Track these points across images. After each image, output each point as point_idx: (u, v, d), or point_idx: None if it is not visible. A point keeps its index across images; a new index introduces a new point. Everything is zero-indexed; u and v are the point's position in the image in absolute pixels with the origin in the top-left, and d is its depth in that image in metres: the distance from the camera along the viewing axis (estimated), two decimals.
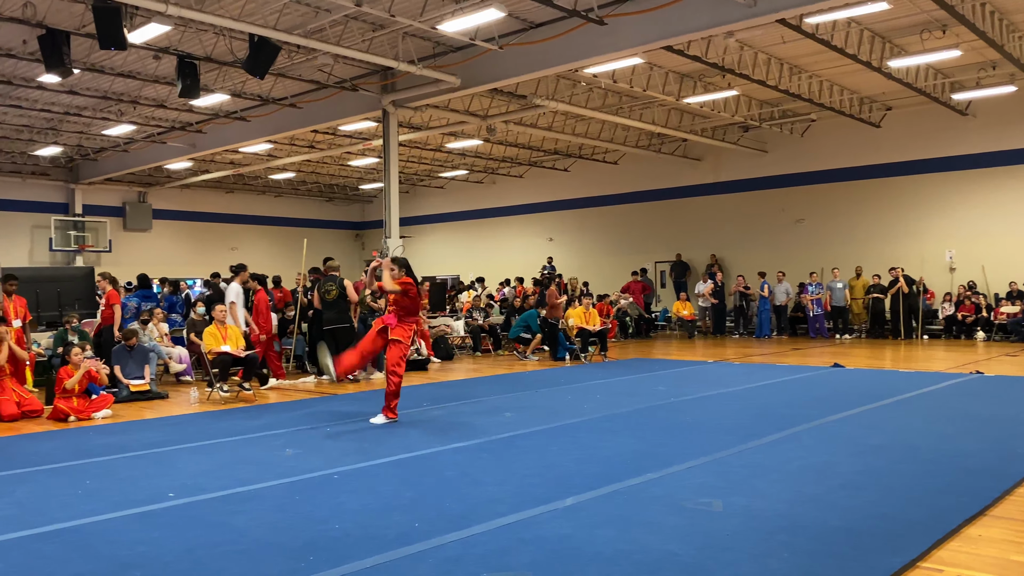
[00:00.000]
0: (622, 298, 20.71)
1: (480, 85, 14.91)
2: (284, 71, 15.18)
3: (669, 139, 22.14)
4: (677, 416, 8.23)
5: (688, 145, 22.86)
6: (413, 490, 5.34)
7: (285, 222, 31.30)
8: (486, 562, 3.89)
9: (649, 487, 5.31)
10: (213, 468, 6.20)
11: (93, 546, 4.31)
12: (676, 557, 3.93)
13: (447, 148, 22.90)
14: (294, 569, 3.85)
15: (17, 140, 21.01)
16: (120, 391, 10.16)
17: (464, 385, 11.66)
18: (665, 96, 16.51)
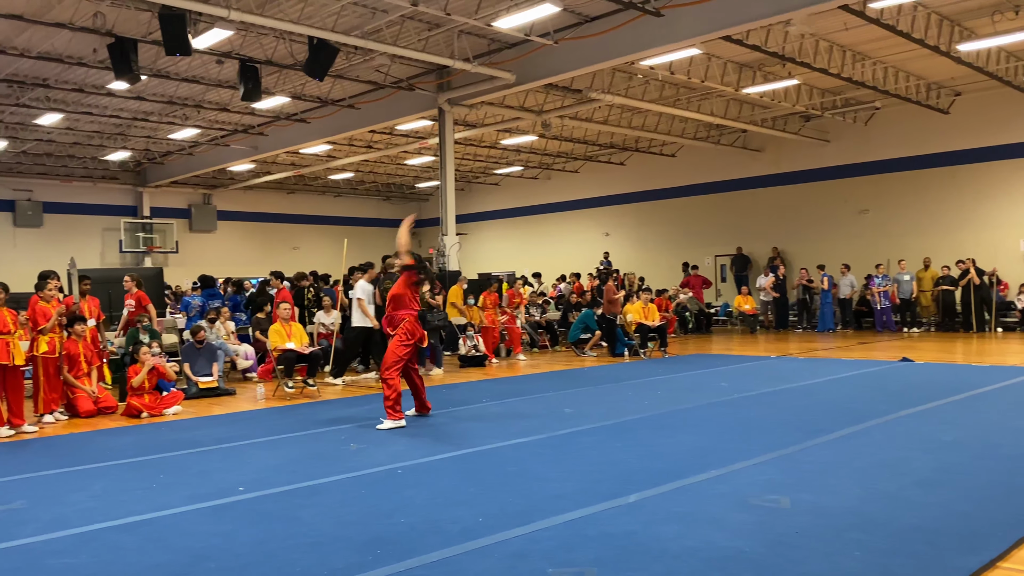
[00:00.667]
0: (681, 293, 20.47)
1: (535, 81, 14.90)
2: (342, 72, 15.40)
3: (728, 130, 21.79)
4: (740, 412, 8.10)
5: (748, 136, 22.46)
6: (476, 485, 5.37)
7: (344, 221, 31.77)
8: (551, 558, 3.89)
9: (714, 484, 5.24)
10: (281, 463, 6.33)
11: (168, 538, 4.44)
12: (744, 554, 3.87)
13: (502, 145, 22.94)
14: (362, 562, 3.91)
15: (88, 146, 21.77)
16: (189, 388, 10.45)
17: (522, 381, 11.68)
18: (724, 87, 16.25)
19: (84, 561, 4.09)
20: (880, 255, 19.48)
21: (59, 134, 20.07)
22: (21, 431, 8.14)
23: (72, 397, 9.20)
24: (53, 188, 25.11)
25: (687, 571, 3.68)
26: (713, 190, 23.94)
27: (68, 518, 4.89)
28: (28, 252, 23.23)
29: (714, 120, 19.17)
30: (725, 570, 3.67)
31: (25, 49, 13.51)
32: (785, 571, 3.65)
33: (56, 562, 4.08)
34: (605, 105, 17.97)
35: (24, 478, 6.09)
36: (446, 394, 10.30)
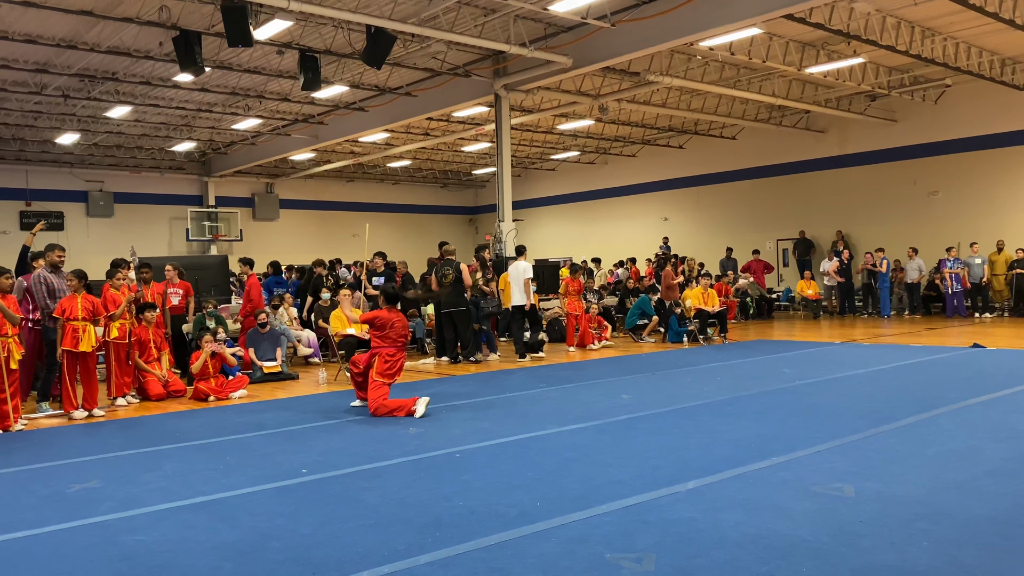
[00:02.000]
0: (742, 278, 20.13)
1: (592, 64, 14.76)
2: (399, 60, 15.50)
3: (790, 111, 21.28)
4: (803, 399, 7.95)
5: (811, 117, 21.90)
6: (534, 470, 5.39)
7: (402, 208, 32.09)
8: (610, 543, 3.89)
9: (776, 471, 5.15)
10: (343, 446, 6.45)
11: (236, 517, 4.57)
12: (807, 543, 3.80)
13: (559, 130, 22.83)
14: (422, 544, 3.96)
15: (156, 137, 22.39)
16: (254, 372, 10.72)
17: (579, 367, 11.66)
18: (786, 67, 15.86)
19: (156, 538, 4.24)
20: (951, 238, 18.83)
21: (128, 126, 20.68)
22: (92, 415, 8.45)
23: (143, 381, 9.52)
24: (123, 179, 25.92)
25: (748, 559, 3.63)
26: (775, 173, 23.42)
27: (141, 497, 5.07)
28: (100, 241, 24.05)
29: (776, 101, 18.73)
30: (787, 558, 3.62)
31: (95, 44, 13.94)
32: (849, 561, 3.57)
33: (130, 539, 4.24)
34: (663, 88, 17.71)
35: (99, 458, 6.33)
36: (503, 380, 10.35)
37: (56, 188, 24.78)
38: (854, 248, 20.75)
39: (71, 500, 5.09)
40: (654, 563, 3.61)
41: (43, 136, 21.33)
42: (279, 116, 20.20)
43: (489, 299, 12.67)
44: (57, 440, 7.31)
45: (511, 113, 17.61)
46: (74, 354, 8.42)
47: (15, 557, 4.03)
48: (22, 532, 4.42)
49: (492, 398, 8.78)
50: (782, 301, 22.06)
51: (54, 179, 24.74)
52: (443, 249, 12.67)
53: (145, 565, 3.82)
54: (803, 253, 22.15)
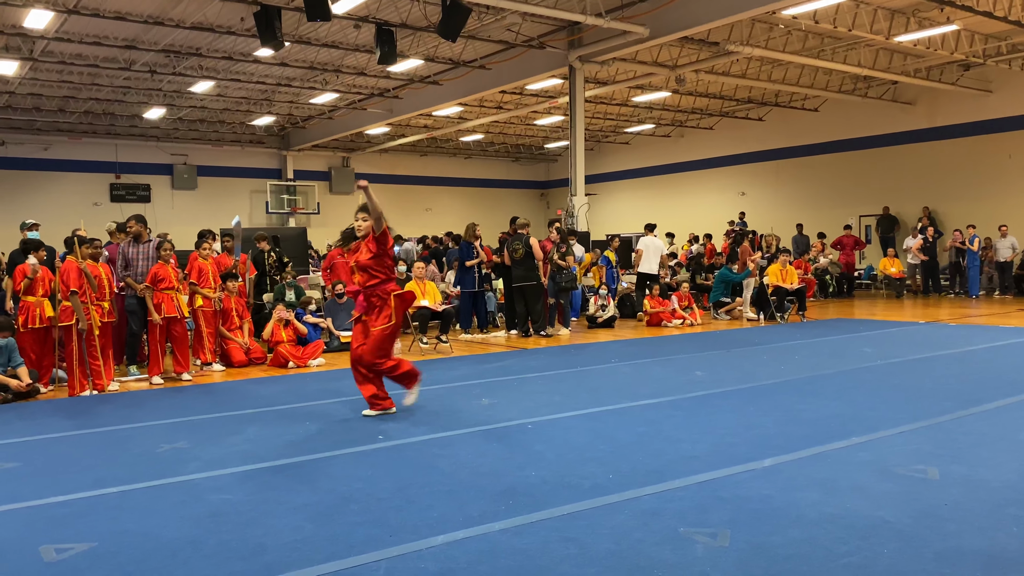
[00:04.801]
0: (822, 255, 19.56)
1: (669, 34, 14.45)
2: (474, 33, 15.48)
3: (877, 82, 20.45)
4: (886, 379, 7.71)
5: (898, 88, 21.01)
6: (606, 443, 5.39)
7: (475, 183, 32.21)
8: (683, 517, 3.86)
9: (856, 451, 5.03)
10: (417, 415, 6.56)
11: (316, 480, 4.71)
12: (888, 524, 3.70)
13: (633, 102, 22.48)
14: (495, 511, 4.01)
15: (237, 111, 22.98)
16: (331, 341, 10.98)
17: (651, 343, 11.56)
18: (873, 35, 15.22)
19: (241, 498, 4.41)
20: None
21: (211, 101, 21.26)
22: (181, 379, 8.80)
23: (226, 348, 9.86)
24: (206, 152, 26.72)
25: (827, 538, 3.56)
26: (859, 146, 22.59)
27: (226, 458, 5.27)
28: (184, 213, 24.93)
29: (861, 72, 18.02)
30: (868, 539, 3.53)
31: (180, 20, 14.33)
32: (933, 544, 3.47)
33: (216, 497, 4.41)
34: (743, 58, 17.24)
35: (186, 420, 6.60)
36: (574, 354, 10.35)
37: (143, 161, 25.74)
38: (942, 225, 19.91)
39: (161, 459, 5.33)
40: (729, 539, 3.57)
41: (131, 111, 22.13)
42: (355, 90, 20.46)
43: (564, 273, 12.63)
44: (147, 402, 7.64)
45: (585, 85, 17.42)
46: (168, 320, 8.75)
47: (111, 511, 4.25)
48: (116, 488, 4.66)
49: (563, 372, 8.79)
50: (863, 279, 21.37)
51: (141, 153, 25.68)
52: (515, 224, 12.68)
53: (231, 522, 3.98)
54: (887, 230, 21.36)
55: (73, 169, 24.54)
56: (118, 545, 3.70)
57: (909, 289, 19.27)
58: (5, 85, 18.50)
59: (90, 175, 24.80)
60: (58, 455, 5.58)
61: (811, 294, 17.19)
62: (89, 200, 24.09)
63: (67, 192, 23.93)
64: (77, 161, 24.66)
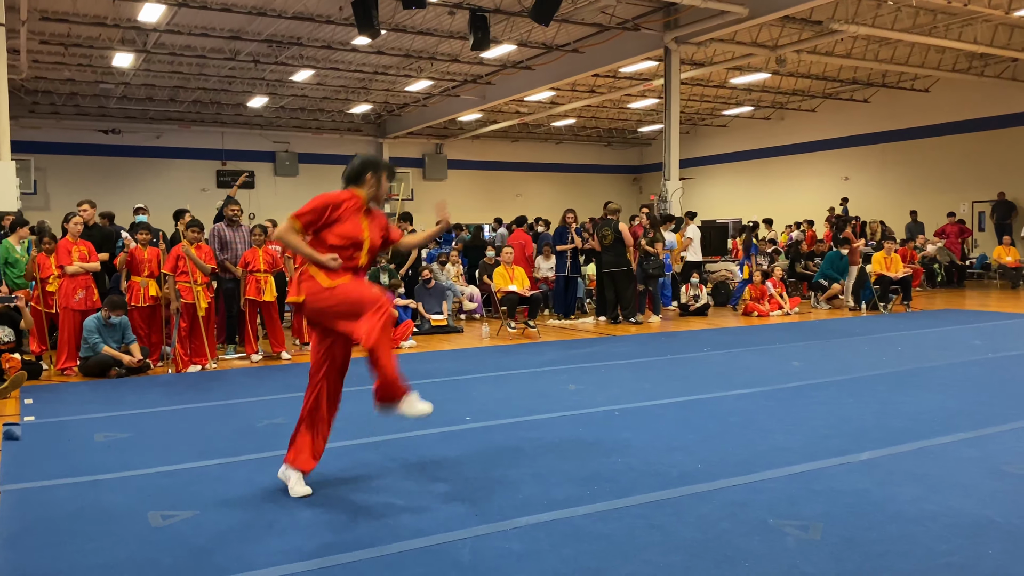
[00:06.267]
0: (929, 243, 18.64)
1: (770, 13, 13.99)
2: (567, 16, 15.37)
3: (995, 60, 19.25)
4: (996, 373, 7.30)
5: (1019, 66, 19.71)
6: (695, 432, 5.30)
7: (566, 168, 32.09)
8: (773, 509, 3.77)
9: (961, 447, 4.79)
10: (504, 397, 6.62)
11: (404, 457, 4.83)
12: (996, 524, 3.51)
13: (731, 84, 21.89)
14: (581, 496, 4.01)
15: (336, 100, 23.57)
16: (422, 325, 11.18)
17: (745, 332, 11.29)
18: (992, 9, 14.33)
19: (334, 471, 4.55)
20: None
21: (311, 89, 21.87)
22: (280, 357, 9.12)
23: None
24: (306, 140, 27.53)
25: (926, 536, 3.41)
26: (973, 128, 21.34)
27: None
28: (286, 199, 25.72)
29: (978, 49, 16.99)
30: (972, 539, 3.36)
31: (282, 10, 14.78)
32: None
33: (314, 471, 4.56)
34: (848, 37, 16.51)
35: (283, 398, 6.84)
36: (664, 342, 10.22)
37: (247, 149, 26.72)
38: None
39: (259, 433, 5.55)
40: (821, 532, 3.46)
41: (236, 100, 22.99)
42: (449, 77, 20.66)
43: (652, 259, 12.47)
44: (246, 380, 7.97)
45: (681, 67, 17.06)
46: (256, 303, 9.09)
47: (214, 481, 4.46)
48: (219, 460, 4.88)
49: (652, 359, 8.69)
50: (976, 268, 20.25)
51: (245, 140, 26.67)
52: (607, 208, 12.58)
53: (327, 496, 4.11)
54: (1003, 217, 20.15)
55: (182, 156, 25.72)
56: (219, 513, 3.88)
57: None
58: (121, 76, 19.52)
59: (198, 162, 25.93)
60: (166, 427, 5.88)
61: (917, 283, 16.41)
62: (197, 186, 25.17)
63: (177, 178, 25.09)
64: (186, 148, 25.83)
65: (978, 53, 17.88)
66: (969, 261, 20.04)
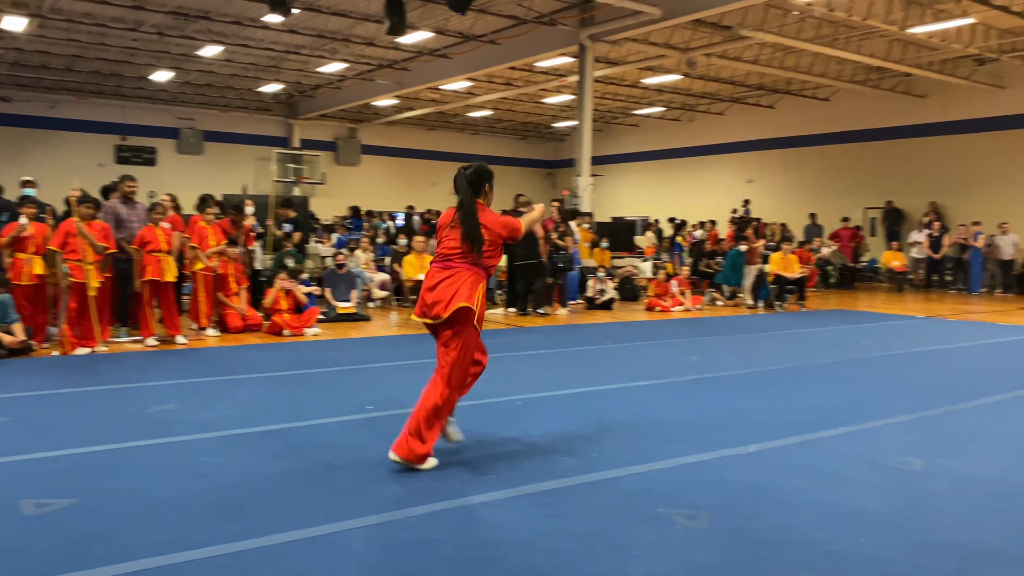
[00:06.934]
0: (824, 246, 19.49)
1: (683, 16, 14.31)
2: (485, 7, 15.34)
3: (890, 74, 20.25)
4: (880, 371, 7.70)
5: (911, 81, 20.81)
6: (595, 423, 5.39)
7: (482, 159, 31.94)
8: (664, 498, 3.87)
9: (844, 441, 5.03)
10: (410, 386, 6.54)
11: (304, 447, 4.73)
12: (868, 514, 3.70)
13: (643, 84, 22.32)
14: (478, 483, 4.02)
15: (245, 77, 22.84)
16: (329, 312, 10.99)
17: (648, 327, 11.56)
18: (888, 25, 15.06)
19: (228, 460, 4.42)
20: None
21: (219, 65, 21.12)
22: (175, 342, 8.80)
23: (223, 314, 9.86)
24: (213, 118, 26.62)
25: (806, 525, 3.57)
26: (869, 138, 22.41)
27: (215, 421, 5.28)
28: (190, 177, 24.83)
29: (874, 62, 17.86)
30: (846, 527, 3.54)
31: None
32: (912, 535, 3.47)
33: (205, 459, 4.43)
34: (756, 43, 17.08)
35: (178, 383, 6.61)
36: (570, 334, 10.36)
37: (149, 124, 25.65)
38: (947, 221, 19.81)
39: (151, 420, 5.34)
40: (708, 522, 3.58)
41: (139, 72, 21.99)
42: (364, 60, 20.32)
43: (562, 253, 12.60)
44: (139, 364, 7.65)
45: (595, 65, 17.28)
46: (153, 283, 8.69)
47: (101, 468, 4.27)
48: (106, 446, 4.68)
49: (558, 351, 8.80)
50: (867, 272, 21.31)
51: (148, 115, 25.59)
52: (518, 201, 12.63)
53: (217, 484, 4.00)
54: (892, 223, 21.28)
55: (78, 129, 24.47)
56: (100, 502, 3.72)
57: (911, 283, 19.21)
58: (13, 41, 18.38)
59: (96, 136, 24.73)
60: (48, 412, 5.60)
61: (812, 284, 17.15)
62: (94, 161, 24.01)
63: (72, 152, 23.85)
64: (83, 121, 24.59)
65: (875, 66, 18.78)
66: (860, 264, 21.08)
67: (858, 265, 20.77)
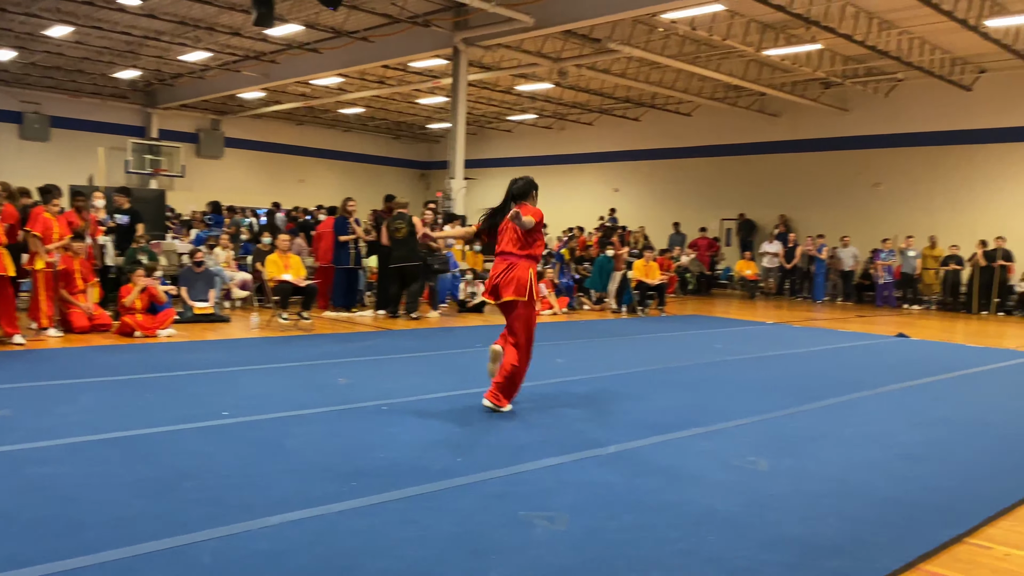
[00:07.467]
0: (684, 254, 20.37)
1: (554, 26, 14.61)
2: (358, 4, 15.10)
3: (746, 92, 21.43)
4: (731, 374, 8.11)
5: (765, 100, 22.10)
6: (463, 427, 5.39)
7: (352, 157, 31.53)
8: (527, 501, 3.91)
9: (697, 441, 5.25)
10: (270, 391, 6.36)
11: (153, 455, 4.47)
12: (718, 513, 3.88)
13: (517, 90, 22.61)
14: (339, 492, 3.93)
15: (98, 62, 21.45)
16: (185, 312, 10.47)
17: None
18: (745, 47, 15.93)
19: (66, 471, 4.13)
20: (889, 229, 19.34)
21: (69, 47, 19.75)
22: (12, 341, 8.16)
23: (67, 312, 9.21)
24: (61, 103, 24.84)
25: (660, 524, 3.70)
26: (726, 152, 23.65)
27: (54, 429, 4.92)
28: (33, 166, 23.07)
29: (732, 81, 18.85)
30: (698, 526, 3.69)
31: None
32: (757, 532, 3.66)
33: (37, 470, 4.11)
34: (624, 57, 17.64)
35: (13, 387, 6.12)
36: (441, 337, 10.33)
37: None
38: (796, 232, 21.15)
39: None
40: (566, 523, 3.64)
41: None
42: (229, 51, 19.53)
43: (436, 255, 12.55)
44: None
45: (469, 69, 17.35)
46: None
47: None
48: None
49: (428, 354, 8.75)
50: (722, 279, 22.43)
51: None
52: (394, 202, 12.46)
53: (50, 497, 3.72)
54: (746, 234, 22.52)
55: None
56: None
57: (762, 291, 20.38)
58: None
59: None
60: None
61: (672, 290, 17.88)
62: None
63: None
64: None
65: (733, 85, 19.81)
66: (717, 272, 22.17)
67: (714, 273, 21.84)
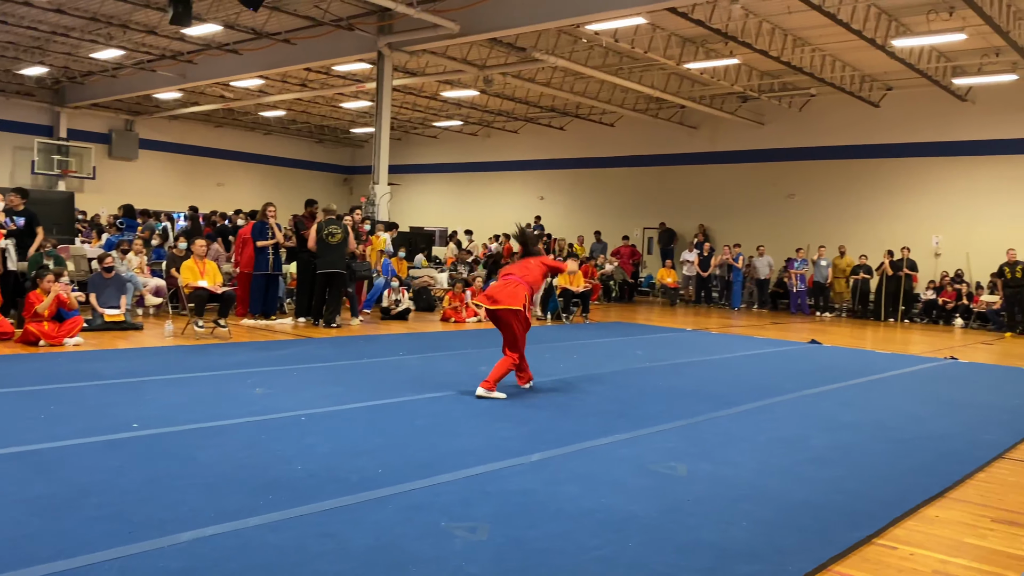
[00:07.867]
0: (608, 262, 20.66)
1: (479, 33, 14.64)
2: (279, 5, 14.83)
3: (667, 105, 21.91)
4: (652, 380, 8.24)
5: (686, 112, 22.64)
6: (382, 437, 5.32)
7: (273, 161, 30.90)
8: (448, 511, 3.88)
9: (618, 448, 5.31)
10: (183, 402, 6.15)
11: (54, 470, 4.26)
12: (638, 519, 3.93)
13: (442, 97, 22.57)
14: (253, 506, 3.82)
15: (2, 57, 20.49)
16: (94, 319, 10.05)
17: (442, 337, 11.64)
18: (666, 60, 16.28)
19: None
20: (801, 239, 20.04)
21: None
22: None
23: None
24: None
25: (581, 532, 3.71)
26: (647, 163, 24.12)
27: None
28: None
29: (653, 93, 19.25)
30: (618, 532, 3.72)
31: None
32: (676, 536, 3.72)
33: None
34: (548, 67, 17.81)
35: None
36: (363, 346, 10.19)
37: None
38: (714, 242, 21.70)
39: None
40: (487, 533, 3.62)
41: None
42: (144, 49, 18.91)
43: (359, 263, 12.38)
44: None
45: (394, 74, 17.23)
46: None
47: None
48: None
49: (349, 363, 8.61)
50: (644, 287, 22.83)
51: None
52: (326, 208, 12.18)
53: None
54: (666, 243, 22.99)
55: None
56: None
57: (682, 299, 20.82)
58: None
59: None
60: None
61: (595, 298, 18.09)
62: None
63: None
64: None
65: (654, 97, 20.22)
66: (639, 280, 22.55)
67: (637, 281, 22.21)
